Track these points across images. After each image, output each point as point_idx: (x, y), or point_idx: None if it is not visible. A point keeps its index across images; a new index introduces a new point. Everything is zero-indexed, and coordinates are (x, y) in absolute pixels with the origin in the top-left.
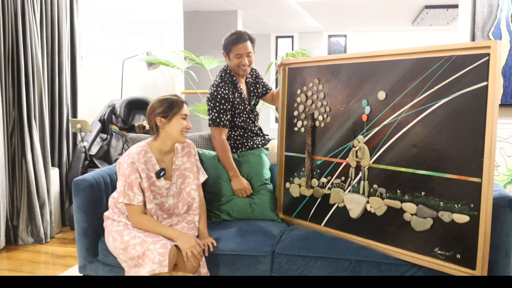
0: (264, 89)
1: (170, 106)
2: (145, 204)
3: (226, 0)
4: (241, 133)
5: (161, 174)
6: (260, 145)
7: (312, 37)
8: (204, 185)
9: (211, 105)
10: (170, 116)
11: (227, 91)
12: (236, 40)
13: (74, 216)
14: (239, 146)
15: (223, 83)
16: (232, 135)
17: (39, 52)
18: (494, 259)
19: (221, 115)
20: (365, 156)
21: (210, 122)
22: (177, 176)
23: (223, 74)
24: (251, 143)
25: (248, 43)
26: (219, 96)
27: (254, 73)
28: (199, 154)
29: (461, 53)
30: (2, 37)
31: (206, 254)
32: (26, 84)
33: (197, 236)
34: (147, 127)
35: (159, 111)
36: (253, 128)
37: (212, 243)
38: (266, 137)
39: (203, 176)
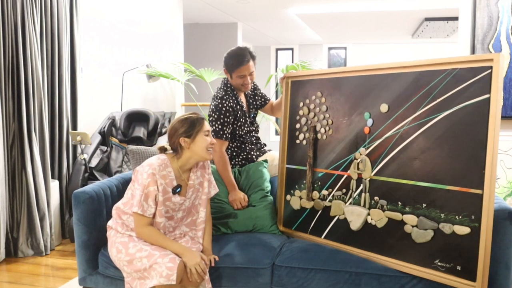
0: (262, 100)
1: (192, 125)
2: (153, 216)
3: (226, 12)
4: (239, 144)
5: (177, 191)
6: (254, 157)
7: (312, 49)
8: None
9: (215, 116)
10: (193, 135)
11: (231, 104)
12: (239, 62)
13: (74, 228)
14: (234, 156)
15: (226, 96)
16: (230, 146)
17: (39, 65)
18: (495, 271)
19: (224, 128)
20: (366, 168)
21: (213, 133)
22: (192, 191)
23: (225, 88)
24: (245, 154)
25: (251, 62)
26: (223, 109)
27: (253, 85)
28: None
29: (464, 66)
30: (2, 49)
31: (208, 275)
32: (26, 96)
33: (201, 251)
34: (169, 149)
35: (182, 131)
36: (252, 140)
37: (215, 259)
38: (264, 148)
39: (214, 190)
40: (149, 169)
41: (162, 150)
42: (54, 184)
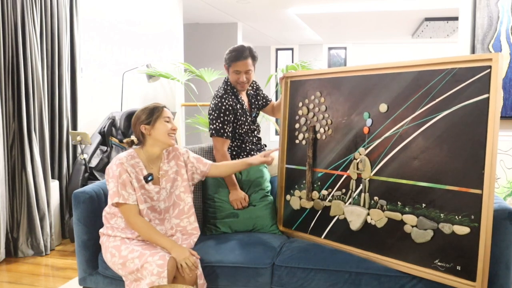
0: (264, 100)
1: (151, 112)
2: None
3: (226, 12)
4: (239, 144)
5: (149, 179)
6: None
7: (312, 49)
8: (206, 198)
9: (215, 115)
10: (153, 121)
11: (231, 102)
12: (236, 57)
13: (74, 228)
14: (235, 156)
15: (226, 95)
16: (230, 145)
17: (39, 65)
18: (495, 271)
19: (225, 126)
20: (366, 168)
21: (214, 132)
22: (166, 181)
23: (225, 86)
24: (245, 153)
25: (249, 60)
26: (223, 107)
27: (255, 85)
28: None
29: (463, 65)
30: (2, 49)
31: (200, 270)
32: (26, 96)
33: (195, 244)
34: (136, 140)
35: (143, 119)
36: (253, 140)
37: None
38: (264, 148)
39: (203, 166)
40: (117, 161)
41: (130, 143)
42: (54, 184)
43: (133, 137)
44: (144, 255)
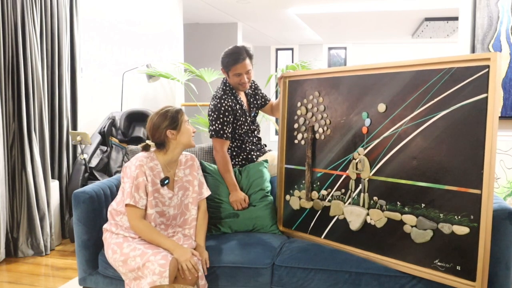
0: (263, 100)
1: (175, 117)
2: (145, 209)
3: (226, 12)
4: (239, 144)
5: (166, 182)
6: (254, 158)
7: (312, 49)
8: (206, 198)
9: (214, 116)
10: (179, 125)
11: (230, 103)
12: (235, 60)
13: (74, 228)
14: (234, 156)
15: (225, 96)
16: (230, 146)
17: (39, 65)
18: (494, 271)
19: (224, 127)
20: (365, 168)
21: (213, 133)
22: (179, 187)
23: (224, 87)
24: (245, 154)
25: (247, 60)
26: (222, 108)
27: (253, 84)
28: (203, 166)
29: (461, 65)
30: (2, 49)
31: (201, 271)
32: (26, 96)
33: (195, 248)
34: (152, 145)
35: (167, 124)
36: (253, 140)
37: (206, 261)
38: (264, 148)
39: (206, 192)
40: (137, 162)
41: (146, 148)
42: (54, 184)
43: (148, 142)
44: (146, 254)
